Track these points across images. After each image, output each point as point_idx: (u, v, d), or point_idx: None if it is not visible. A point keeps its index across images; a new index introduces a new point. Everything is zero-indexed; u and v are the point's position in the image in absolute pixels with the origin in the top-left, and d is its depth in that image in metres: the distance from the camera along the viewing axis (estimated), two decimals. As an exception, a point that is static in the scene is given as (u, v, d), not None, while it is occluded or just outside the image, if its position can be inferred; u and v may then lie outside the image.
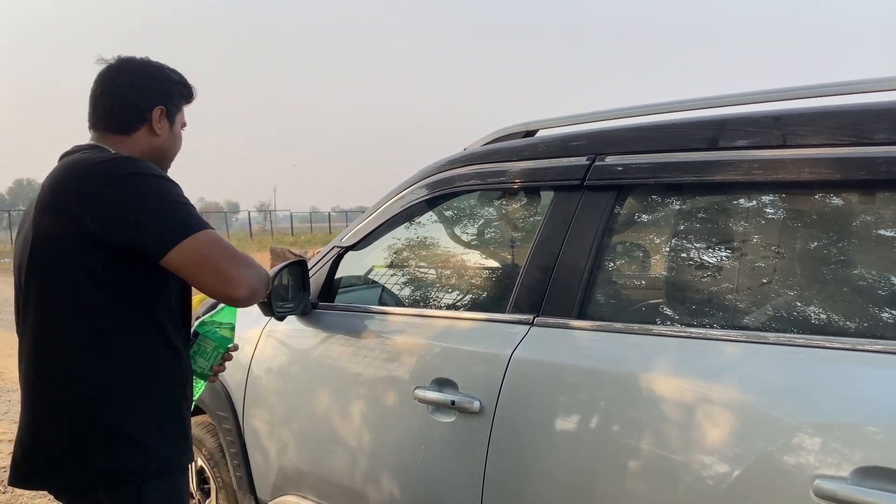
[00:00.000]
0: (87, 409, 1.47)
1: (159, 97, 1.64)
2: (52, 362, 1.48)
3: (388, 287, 2.52)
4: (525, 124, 2.12)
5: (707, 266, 1.63)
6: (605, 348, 1.59)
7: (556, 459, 1.58)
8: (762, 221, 1.58)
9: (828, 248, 1.50)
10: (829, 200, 1.49)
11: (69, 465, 1.48)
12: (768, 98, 1.62)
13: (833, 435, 1.23)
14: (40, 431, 1.50)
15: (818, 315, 1.44)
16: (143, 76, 1.64)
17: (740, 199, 1.61)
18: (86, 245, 1.43)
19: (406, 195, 2.23)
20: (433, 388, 1.84)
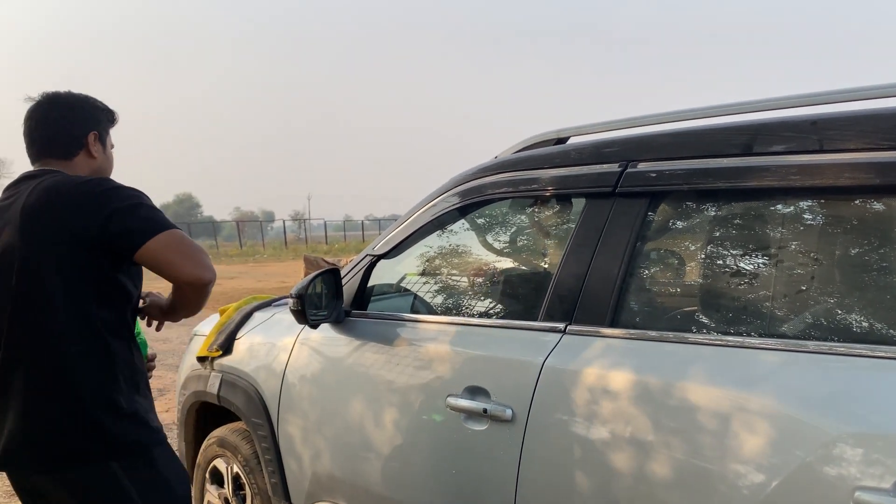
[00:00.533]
0: (97, 395, 1.66)
1: (91, 124, 1.84)
2: (53, 358, 1.65)
3: (421, 295, 2.53)
4: (556, 131, 2.12)
5: (742, 273, 1.61)
6: (638, 357, 1.58)
7: (588, 468, 1.57)
8: (799, 227, 1.56)
9: (867, 255, 1.47)
10: (867, 206, 1.46)
11: (85, 445, 1.65)
12: (804, 102, 1.59)
13: (875, 445, 1.20)
14: (47, 420, 1.65)
15: (859, 323, 1.41)
16: (72, 108, 1.83)
17: (776, 205, 1.58)
18: (84, 252, 1.64)
19: (438, 203, 2.24)
20: (465, 396, 1.85)
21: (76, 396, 1.64)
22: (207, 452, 2.88)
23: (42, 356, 1.65)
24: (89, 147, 1.82)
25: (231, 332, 2.74)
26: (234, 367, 2.67)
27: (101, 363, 1.67)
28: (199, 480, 2.96)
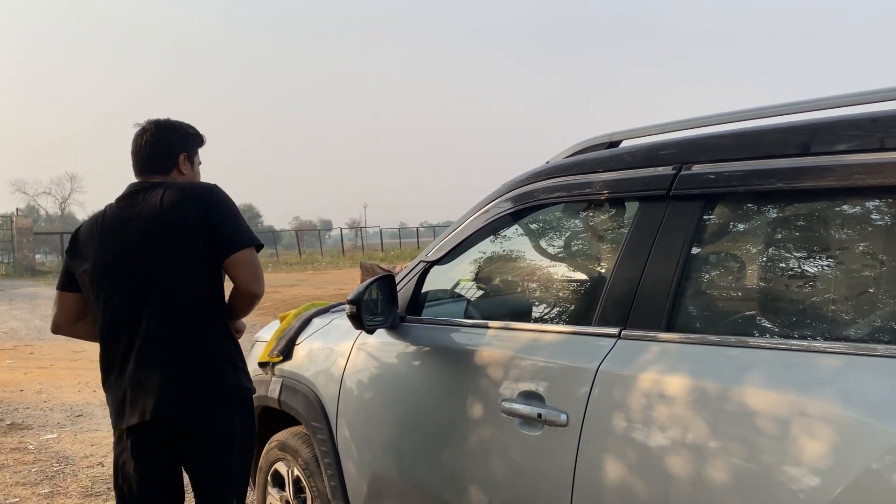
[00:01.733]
0: (227, 357, 2.20)
1: (182, 147, 2.33)
2: (183, 331, 2.13)
3: (474, 300, 2.55)
4: (609, 135, 2.11)
5: (801, 275, 1.57)
6: (694, 361, 1.56)
7: (644, 474, 1.56)
8: (860, 228, 1.52)
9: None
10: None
11: (219, 393, 2.17)
12: (863, 100, 1.55)
13: (943, 452, 1.16)
14: (184, 378, 2.12)
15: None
16: (170, 132, 2.32)
17: (835, 205, 1.54)
18: (205, 246, 2.13)
19: (490, 209, 2.26)
20: (520, 400, 1.85)
21: (210, 353, 2.15)
22: (269, 456, 2.95)
23: (180, 324, 2.12)
24: (180, 166, 2.31)
25: (291, 338, 2.81)
26: (294, 372, 2.73)
27: (220, 329, 2.20)
28: (260, 484, 3.04)
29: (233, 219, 2.15)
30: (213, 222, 2.10)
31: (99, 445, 4.99)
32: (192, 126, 2.39)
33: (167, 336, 2.10)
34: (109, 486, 4.17)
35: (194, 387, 2.10)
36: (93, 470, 4.46)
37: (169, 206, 2.12)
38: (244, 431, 2.22)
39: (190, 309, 2.12)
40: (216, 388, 2.14)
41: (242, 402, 2.22)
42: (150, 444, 2.17)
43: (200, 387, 2.11)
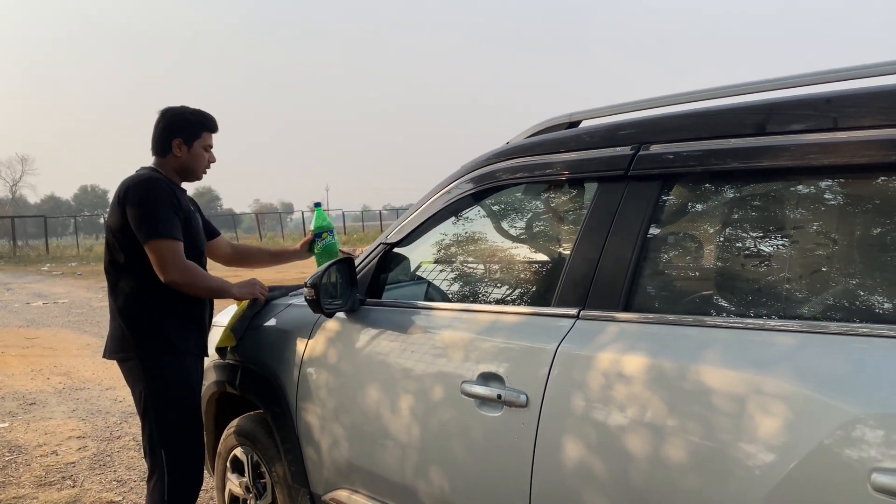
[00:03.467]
0: (136, 319, 2.59)
1: (176, 132, 2.63)
2: (113, 294, 2.62)
3: (434, 282, 2.53)
4: (568, 115, 2.10)
5: (757, 255, 1.59)
6: (652, 341, 1.57)
7: (604, 453, 1.56)
8: (815, 207, 1.53)
9: (885, 234, 1.44)
10: (885, 184, 1.43)
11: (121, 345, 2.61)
12: (818, 80, 1.56)
13: (892, 426, 1.18)
14: (111, 331, 2.66)
15: (877, 303, 1.39)
16: (168, 118, 2.64)
17: (791, 184, 1.56)
18: (127, 231, 2.51)
19: (450, 190, 2.24)
20: (480, 382, 1.85)
21: (123, 315, 2.57)
22: (228, 441, 2.91)
23: (114, 289, 2.61)
24: (174, 150, 2.63)
25: (249, 323, 2.76)
26: (252, 357, 2.69)
27: (140, 296, 2.56)
28: (220, 469, 3.00)
29: (139, 213, 2.45)
30: (128, 215, 2.47)
31: (53, 434, 4.88)
32: (199, 112, 2.67)
33: (110, 296, 2.63)
34: (63, 474, 4.09)
35: (111, 338, 2.62)
36: (46, 459, 4.36)
37: (117, 191, 2.55)
38: (147, 384, 2.55)
39: (118, 278, 2.57)
40: (121, 341, 2.58)
41: (142, 358, 2.55)
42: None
43: (110, 339, 2.62)
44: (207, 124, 2.67)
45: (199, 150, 2.65)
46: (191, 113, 2.66)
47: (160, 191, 2.50)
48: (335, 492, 2.39)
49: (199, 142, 2.65)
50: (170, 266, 2.46)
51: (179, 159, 2.63)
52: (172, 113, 2.65)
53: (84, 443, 4.65)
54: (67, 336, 9.07)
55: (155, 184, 2.51)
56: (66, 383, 6.43)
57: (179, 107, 2.68)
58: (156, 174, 2.58)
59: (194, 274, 2.53)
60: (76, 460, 4.33)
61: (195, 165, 2.67)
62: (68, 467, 4.21)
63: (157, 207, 2.46)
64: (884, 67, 1.47)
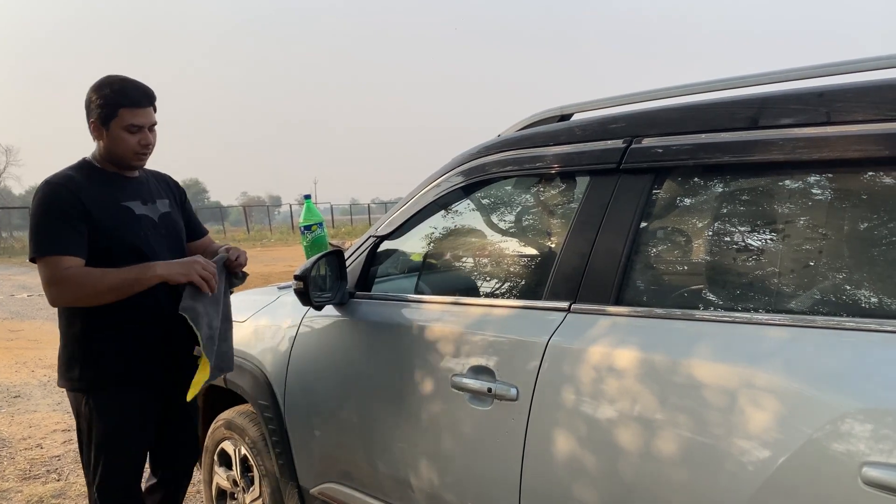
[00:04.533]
0: (64, 344, 2.29)
1: (88, 112, 2.20)
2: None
3: (425, 275, 2.52)
4: (560, 108, 2.09)
5: (749, 249, 1.59)
6: (643, 334, 1.56)
7: (594, 446, 1.56)
8: (806, 201, 1.53)
9: (876, 228, 1.44)
10: (876, 178, 1.43)
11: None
12: (811, 74, 1.56)
13: (883, 420, 1.18)
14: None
15: (867, 298, 1.39)
16: (89, 94, 2.19)
17: (783, 179, 1.55)
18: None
19: (440, 183, 2.23)
20: (470, 375, 1.84)
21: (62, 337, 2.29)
22: (215, 435, 2.89)
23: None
24: (92, 133, 2.21)
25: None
26: (239, 350, 2.67)
27: (71, 317, 2.24)
28: (207, 463, 2.98)
29: (31, 226, 2.12)
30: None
31: (37, 427, 4.83)
32: (112, 84, 2.17)
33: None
34: (49, 468, 4.05)
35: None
36: (31, 452, 4.32)
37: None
38: (77, 419, 2.28)
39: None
40: (58, 367, 2.31)
41: (73, 390, 2.26)
42: None
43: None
44: (122, 99, 2.14)
45: (117, 132, 2.16)
46: (99, 87, 2.17)
47: (50, 198, 2.09)
48: (324, 485, 2.38)
49: (115, 122, 2.16)
50: (46, 286, 2.08)
51: (101, 143, 2.21)
52: (92, 87, 2.19)
53: (69, 436, 4.61)
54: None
55: (47, 190, 2.11)
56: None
57: (103, 78, 2.20)
58: (66, 172, 2.18)
59: (79, 281, 2.07)
60: (61, 454, 4.30)
61: (119, 151, 2.19)
62: (53, 461, 4.18)
63: (40, 221, 2.08)
64: (876, 62, 1.47)
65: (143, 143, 2.20)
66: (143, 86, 2.20)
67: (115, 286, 2.08)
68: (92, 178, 2.19)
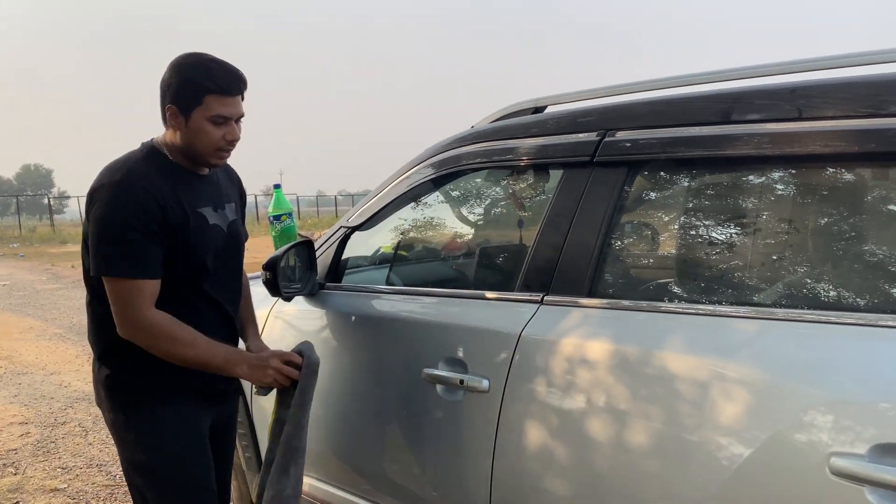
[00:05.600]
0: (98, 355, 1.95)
1: (169, 96, 1.79)
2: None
3: (396, 267, 2.50)
4: (534, 100, 2.09)
5: (720, 243, 1.60)
6: (615, 326, 1.57)
7: (566, 438, 1.57)
8: (776, 197, 1.55)
9: (844, 223, 1.47)
10: (846, 174, 1.46)
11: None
12: (783, 70, 1.58)
13: (850, 412, 1.21)
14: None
15: (834, 291, 1.41)
16: (168, 74, 1.80)
17: (754, 173, 1.57)
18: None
19: (412, 175, 2.21)
20: (442, 367, 1.83)
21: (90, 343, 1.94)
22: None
23: (87, 306, 1.92)
24: (168, 120, 1.82)
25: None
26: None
27: (95, 319, 1.88)
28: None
29: (94, 233, 1.73)
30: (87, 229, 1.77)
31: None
32: (205, 65, 1.78)
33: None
34: (5, 461, 3.96)
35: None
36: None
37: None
38: (121, 447, 1.91)
39: (90, 294, 1.88)
40: (94, 384, 1.96)
41: (111, 409, 1.88)
42: None
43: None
44: (210, 83, 1.76)
45: (200, 122, 1.78)
46: (182, 66, 1.78)
47: (127, 200, 1.70)
48: (291, 478, 2.35)
49: (199, 110, 1.78)
50: (122, 317, 1.73)
51: (176, 135, 1.82)
52: (172, 65, 1.80)
53: (27, 429, 4.50)
54: (9, 319, 8.77)
55: (123, 189, 1.71)
56: (8, 367, 6.21)
57: (186, 55, 1.81)
58: (139, 164, 1.78)
59: (167, 336, 1.74)
60: (18, 447, 4.19)
61: (199, 146, 1.81)
62: (10, 454, 4.07)
63: (114, 229, 1.70)
64: (847, 59, 1.49)
65: (230, 139, 1.83)
66: (234, 69, 1.82)
67: (195, 361, 1.78)
68: (165, 174, 1.80)
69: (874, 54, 1.46)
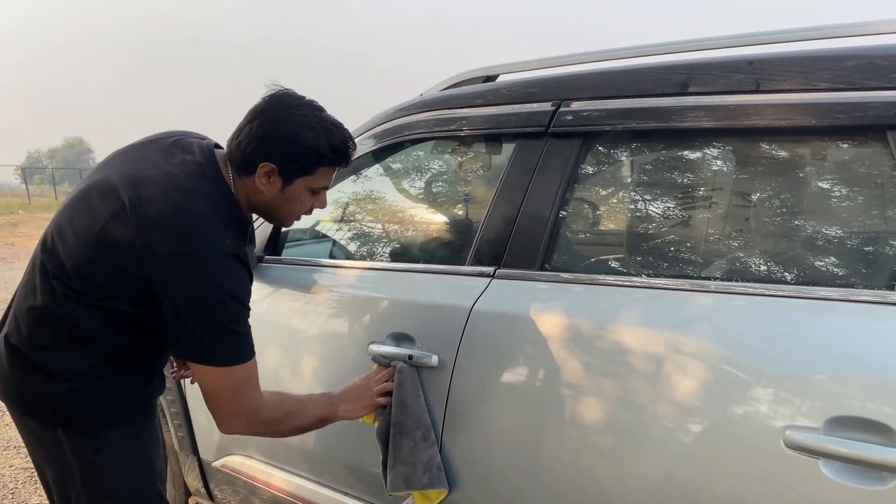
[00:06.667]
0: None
1: (272, 155, 1.49)
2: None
3: (341, 241, 2.42)
4: (486, 69, 2.03)
5: (676, 216, 1.59)
6: (568, 300, 1.54)
7: (516, 412, 1.53)
8: (733, 169, 1.55)
9: (801, 196, 1.47)
10: (803, 147, 1.46)
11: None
12: (742, 42, 1.57)
13: (805, 386, 1.21)
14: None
15: (789, 266, 1.42)
16: (275, 123, 1.48)
17: (711, 146, 1.56)
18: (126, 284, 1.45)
19: (359, 144, 2.12)
20: (389, 342, 1.77)
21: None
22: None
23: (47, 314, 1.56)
24: (256, 177, 1.52)
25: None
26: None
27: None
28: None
29: (206, 317, 1.44)
30: (165, 289, 1.42)
31: None
32: (328, 133, 1.50)
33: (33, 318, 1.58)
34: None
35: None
36: None
37: (132, 201, 1.44)
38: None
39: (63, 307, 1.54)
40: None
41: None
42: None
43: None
44: (334, 157, 1.53)
45: (300, 191, 1.55)
46: (314, 129, 1.49)
47: (233, 277, 1.45)
48: (227, 458, 2.26)
49: (305, 180, 1.54)
50: (234, 410, 1.52)
51: (261, 195, 1.55)
52: (284, 119, 1.48)
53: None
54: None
55: (226, 263, 1.43)
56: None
57: (303, 108, 1.50)
58: (226, 221, 1.48)
59: (282, 415, 1.60)
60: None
61: (285, 211, 1.61)
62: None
63: (232, 310, 1.45)
64: (805, 33, 1.49)
65: (318, 207, 1.65)
66: (349, 135, 1.57)
67: (304, 428, 1.67)
68: (235, 234, 1.51)
69: (833, 28, 1.46)
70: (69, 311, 1.47)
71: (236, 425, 1.55)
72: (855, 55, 1.36)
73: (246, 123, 1.51)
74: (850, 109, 1.30)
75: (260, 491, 2.16)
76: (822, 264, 1.38)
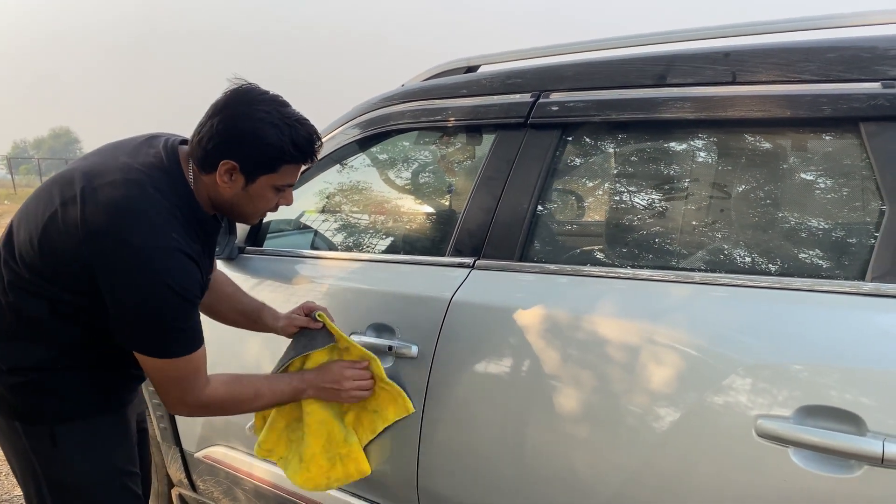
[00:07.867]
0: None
1: (233, 153, 1.45)
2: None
3: (322, 232, 2.42)
4: (466, 59, 2.03)
5: (654, 207, 1.60)
6: (548, 291, 1.55)
7: (496, 403, 1.54)
8: (711, 161, 1.55)
9: (777, 188, 1.48)
10: (779, 139, 1.47)
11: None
12: (720, 34, 1.58)
13: (777, 376, 1.22)
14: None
15: (764, 256, 1.43)
16: (236, 119, 1.43)
17: (689, 137, 1.57)
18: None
19: (338, 135, 2.12)
20: (369, 333, 1.77)
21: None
22: (89, 398, 2.69)
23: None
24: (217, 175, 1.47)
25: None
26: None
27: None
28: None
29: (155, 310, 1.42)
30: (109, 289, 1.41)
31: None
32: (290, 128, 1.45)
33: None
34: None
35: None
36: None
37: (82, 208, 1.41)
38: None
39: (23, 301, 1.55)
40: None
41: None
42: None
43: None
44: (293, 153, 1.47)
45: (263, 188, 1.51)
46: (275, 126, 1.43)
47: (179, 271, 1.41)
48: (209, 448, 2.26)
49: (269, 177, 1.49)
50: (179, 398, 1.53)
51: (221, 194, 1.51)
52: (243, 114, 1.44)
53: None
54: None
55: (169, 257, 1.41)
56: None
57: (263, 103, 1.45)
58: (175, 225, 1.43)
59: (229, 403, 1.61)
60: None
61: (248, 209, 1.57)
62: None
63: (173, 306, 1.42)
64: (782, 25, 1.49)
65: (284, 204, 1.60)
66: (314, 130, 1.51)
67: (263, 409, 1.74)
68: (189, 230, 1.48)
69: (811, 20, 1.47)
70: (17, 299, 1.46)
71: (184, 412, 1.57)
72: (831, 47, 1.37)
73: (207, 119, 1.46)
74: (824, 101, 1.31)
75: (242, 481, 2.16)
76: (798, 255, 1.39)
